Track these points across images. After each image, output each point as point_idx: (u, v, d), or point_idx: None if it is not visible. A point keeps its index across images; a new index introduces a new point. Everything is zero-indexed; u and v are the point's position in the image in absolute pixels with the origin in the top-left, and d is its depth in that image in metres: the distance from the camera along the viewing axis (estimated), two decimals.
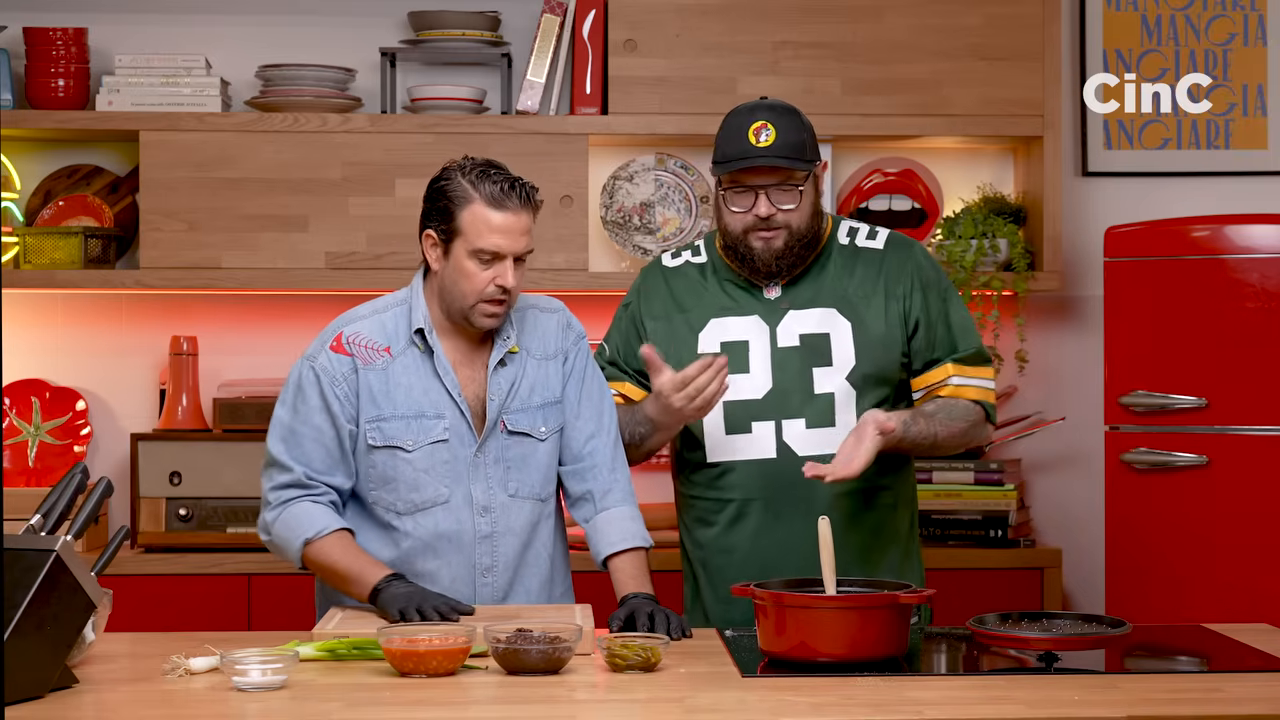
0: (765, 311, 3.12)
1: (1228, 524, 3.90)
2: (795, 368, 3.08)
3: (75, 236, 4.27)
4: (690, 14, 4.31)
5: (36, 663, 2.40)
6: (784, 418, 3.08)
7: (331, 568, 2.94)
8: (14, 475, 4.39)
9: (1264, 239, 3.92)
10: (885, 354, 3.10)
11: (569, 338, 3.11)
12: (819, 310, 3.10)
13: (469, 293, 2.94)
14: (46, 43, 4.30)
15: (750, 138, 3.03)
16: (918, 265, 3.15)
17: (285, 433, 3.00)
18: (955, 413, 3.09)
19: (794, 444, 3.07)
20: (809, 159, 3.06)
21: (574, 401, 3.09)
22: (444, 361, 3.00)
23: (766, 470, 3.08)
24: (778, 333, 3.10)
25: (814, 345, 3.09)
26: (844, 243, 3.17)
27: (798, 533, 3.03)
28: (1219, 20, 4.58)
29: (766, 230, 3.05)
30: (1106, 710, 2.36)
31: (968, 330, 3.16)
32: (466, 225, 2.92)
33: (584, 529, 3.11)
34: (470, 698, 2.47)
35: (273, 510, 2.99)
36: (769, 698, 2.45)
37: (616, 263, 4.48)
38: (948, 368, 3.13)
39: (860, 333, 3.09)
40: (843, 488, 3.04)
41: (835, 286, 3.12)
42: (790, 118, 3.07)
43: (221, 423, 4.25)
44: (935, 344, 3.13)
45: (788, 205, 3.04)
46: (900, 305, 3.11)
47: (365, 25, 4.49)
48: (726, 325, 3.13)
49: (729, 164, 3.05)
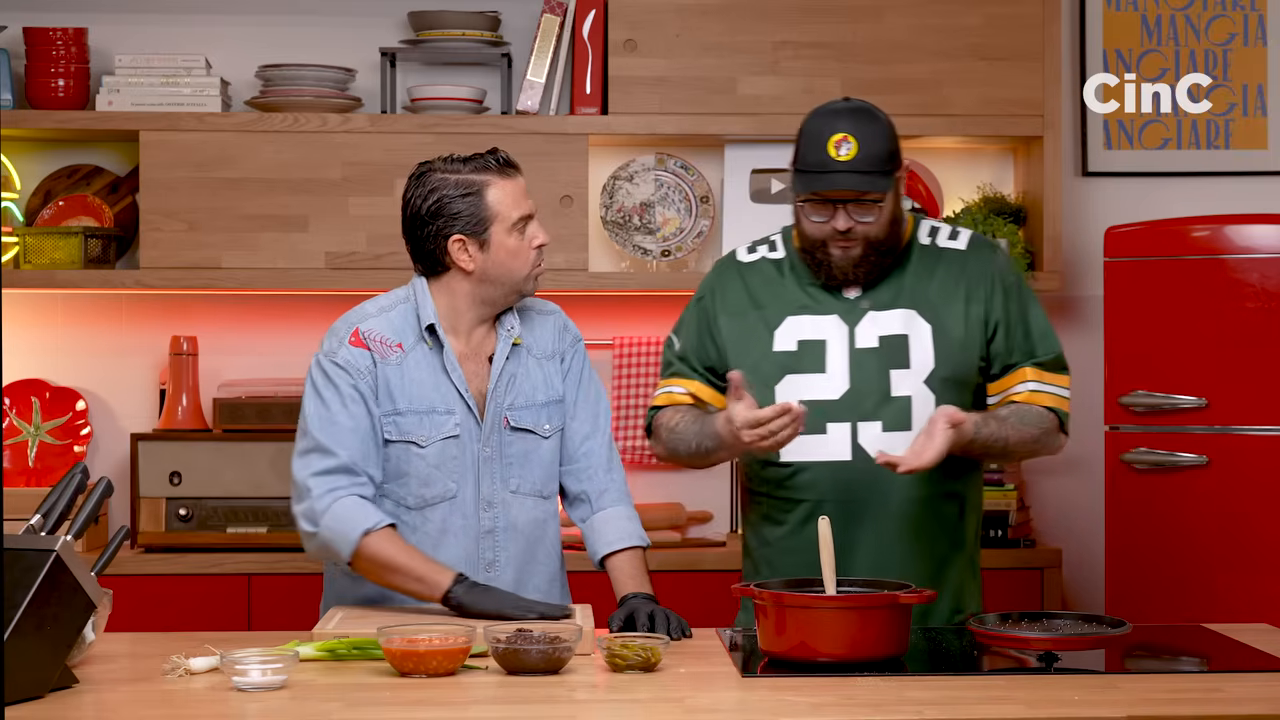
0: (844, 311, 3.04)
1: (1228, 524, 3.90)
2: (873, 369, 3.00)
3: (75, 236, 4.27)
4: (690, 14, 4.31)
5: (36, 663, 2.40)
6: (860, 420, 2.99)
7: (392, 561, 2.90)
8: (14, 475, 4.39)
9: (1264, 239, 3.92)
10: (964, 357, 3.03)
11: (565, 339, 3.12)
12: (899, 312, 3.03)
13: (521, 266, 2.99)
14: (46, 43, 4.30)
15: (830, 150, 2.92)
16: (1000, 267, 3.08)
17: (323, 422, 2.96)
18: (1029, 419, 3.02)
19: (869, 447, 2.98)
20: (890, 171, 2.96)
21: (570, 403, 3.10)
22: (452, 357, 3.00)
23: (840, 472, 3.00)
24: (856, 333, 3.02)
25: (893, 347, 3.01)
26: (925, 243, 3.09)
27: (868, 537, 2.99)
28: (1219, 20, 4.58)
29: (845, 241, 2.97)
30: (1106, 710, 2.36)
31: (1047, 335, 3.08)
32: (496, 205, 2.97)
33: (580, 529, 3.11)
34: (470, 698, 2.47)
35: (322, 499, 2.92)
36: (769, 698, 2.45)
37: (616, 263, 4.48)
38: (1025, 372, 3.05)
39: (940, 335, 3.02)
40: (912, 491, 2.99)
41: (916, 288, 3.04)
42: (873, 126, 2.95)
43: (221, 423, 4.25)
44: (1014, 348, 3.05)
45: (867, 219, 2.96)
46: (981, 308, 3.04)
47: (365, 25, 4.49)
48: (804, 323, 3.04)
49: (808, 177, 2.95)
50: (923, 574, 2.97)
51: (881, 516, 3.00)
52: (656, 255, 4.44)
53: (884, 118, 3.00)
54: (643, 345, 4.51)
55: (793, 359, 3.02)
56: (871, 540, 2.99)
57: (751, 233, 4.40)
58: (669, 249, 4.44)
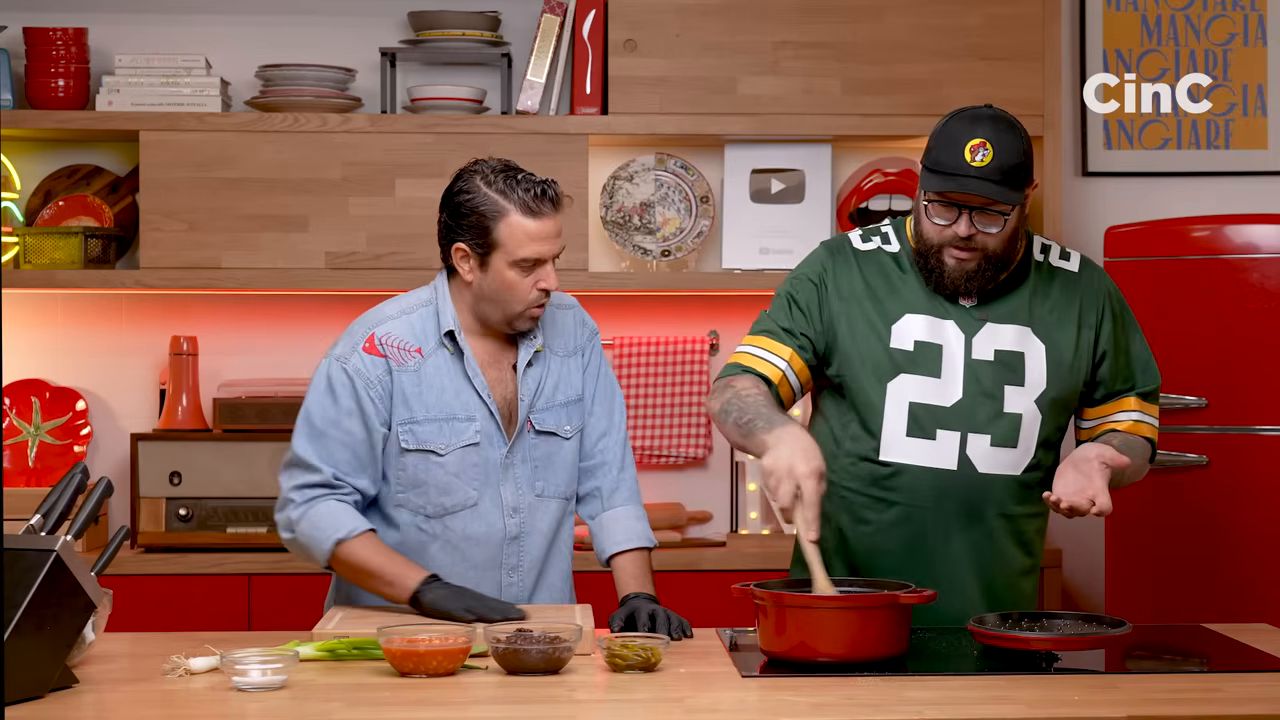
0: (961, 319, 2.99)
1: (1228, 524, 3.90)
2: (989, 382, 2.97)
3: (75, 236, 4.27)
4: (690, 14, 4.31)
5: (36, 663, 2.40)
6: (970, 431, 2.95)
7: (363, 567, 2.91)
8: (14, 475, 4.39)
9: (1264, 239, 3.92)
10: (1072, 380, 3.01)
11: (584, 334, 3.11)
12: (1015, 328, 2.99)
13: (514, 301, 2.93)
14: (46, 43, 4.30)
15: (966, 155, 2.86)
16: (1109, 293, 3.07)
17: (313, 433, 2.95)
18: (1135, 449, 3.01)
19: (976, 459, 2.95)
20: (1021, 185, 2.90)
21: (588, 399, 3.09)
22: (473, 364, 2.98)
23: (943, 480, 2.96)
24: (974, 344, 2.98)
25: (1009, 362, 2.98)
26: (1039, 260, 3.06)
27: (959, 547, 2.97)
28: (1219, 20, 4.58)
29: (963, 250, 2.92)
30: (1106, 710, 2.36)
31: (1149, 365, 3.08)
32: (505, 238, 2.90)
33: (588, 526, 3.11)
34: (470, 698, 2.47)
35: (297, 509, 2.95)
36: (769, 698, 2.45)
37: (616, 263, 4.48)
38: (1129, 402, 3.05)
39: (1052, 356, 2.99)
40: (1006, 509, 2.98)
41: (1032, 306, 3.01)
42: (1011, 137, 2.89)
43: (221, 423, 4.25)
44: (1118, 376, 3.05)
45: (991, 229, 2.90)
46: (1091, 333, 3.02)
47: (365, 25, 4.48)
48: (922, 324, 2.98)
49: (940, 178, 2.89)
50: (1000, 590, 2.98)
51: (975, 529, 2.98)
52: (656, 255, 4.44)
53: (1022, 131, 2.93)
54: (643, 345, 4.51)
55: (908, 359, 2.97)
56: (960, 552, 2.98)
57: (751, 233, 4.43)
58: (669, 249, 4.44)
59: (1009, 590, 3.02)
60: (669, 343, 4.52)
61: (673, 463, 4.53)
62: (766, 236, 4.45)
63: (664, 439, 4.51)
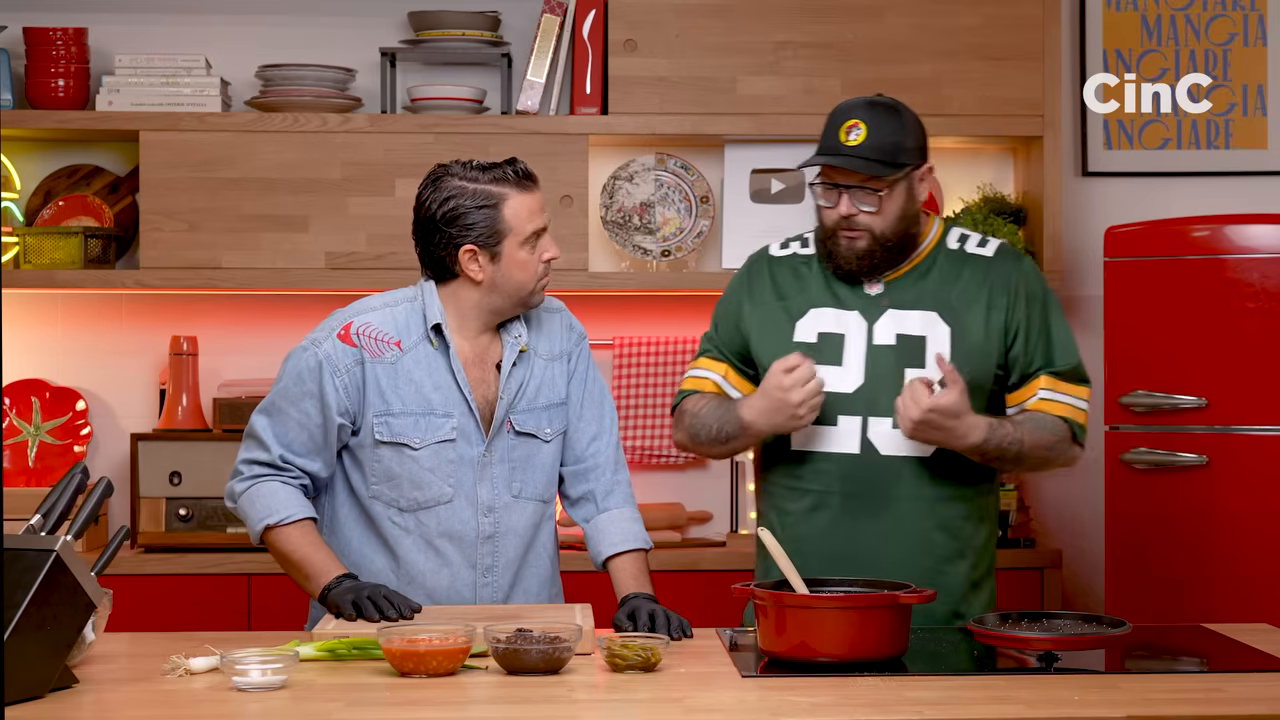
0: (865, 307, 3.07)
1: (1228, 524, 3.90)
2: (888, 366, 3.03)
3: (75, 236, 4.27)
4: (690, 14, 4.31)
5: (36, 663, 2.40)
6: (872, 415, 3.02)
7: (288, 557, 2.95)
8: (14, 475, 4.39)
9: (1264, 239, 3.92)
10: (981, 363, 3.04)
11: (571, 338, 3.11)
12: (920, 312, 3.05)
13: (527, 279, 2.97)
14: (46, 43, 4.31)
15: (841, 134, 3.01)
16: (1024, 276, 3.10)
17: (272, 409, 2.99)
18: (1043, 425, 3.03)
19: (878, 443, 3.02)
20: (898, 163, 3.00)
21: (577, 403, 3.09)
22: (457, 360, 2.99)
23: (847, 465, 3.03)
24: (875, 329, 3.05)
25: (910, 346, 3.04)
26: (953, 248, 3.11)
27: (872, 530, 3.02)
28: (1219, 20, 4.58)
29: (850, 230, 3.02)
30: (1106, 710, 2.36)
31: (1067, 346, 3.09)
32: (512, 220, 2.94)
33: (584, 529, 3.11)
34: (470, 698, 2.47)
35: (242, 482, 2.99)
36: (769, 698, 2.45)
37: (616, 263, 4.48)
38: (1040, 380, 3.06)
39: (959, 339, 3.04)
40: (920, 490, 3.02)
41: (939, 290, 3.07)
42: (888, 117, 3.02)
43: (221, 423, 4.25)
44: (1032, 357, 3.07)
45: (868, 208, 2.99)
46: (1002, 316, 3.06)
47: (365, 25, 4.49)
48: (825, 316, 3.08)
49: (814, 158, 3.03)
50: (921, 574, 2.97)
51: (886, 513, 3.02)
52: (656, 255, 4.44)
53: (907, 114, 3.05)
54: (643, 345, 4.51)
55: (812, 350, 3.04)
56: (873, 536, 3.01)
57: (751, 232, 4.43)
58: (669, 249, 4.44)
59: (935, 577, 3.01)
60: (669, 343, 4.52)
61: (672, 463, 4.53)
62: (766, 236, 4.38)
63: (664, 439, 4.51)
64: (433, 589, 2.99)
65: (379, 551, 3.01)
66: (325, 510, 3.06)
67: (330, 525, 3.05)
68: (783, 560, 2.74)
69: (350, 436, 2.99)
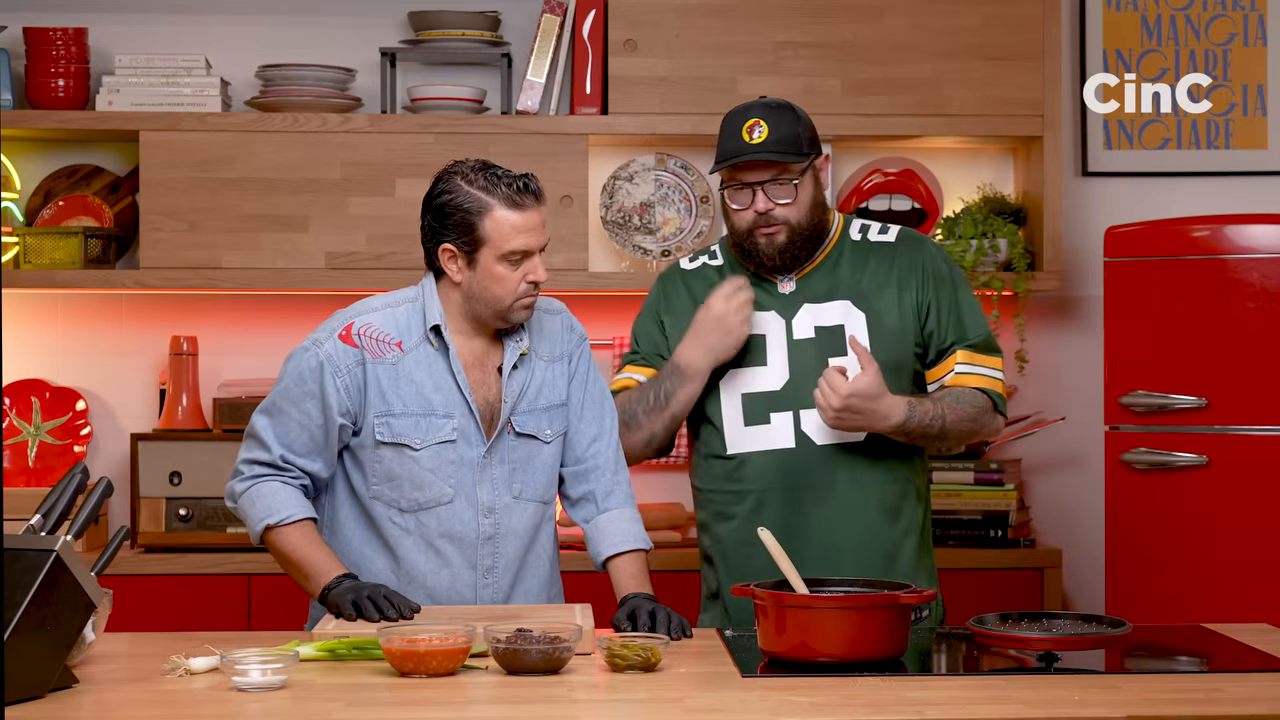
0: (781, 306, 3.15)
1: (1228, 524, 3.90)
2: (811, 359, 3.11)
3: (75, 236, 4.27)
4: (690, 14, 4.31)
5: (36, 663, 2.40)
6: (802, 408, 3.10)
7: (288, 557, 2.95)
8: (14, 475, 4.39)
9: (1264, 239, 3.92)
10: (900, 344, 3.13)
11: (571, 340, 3.11)
12: (834, 303, 3.14)
13: (504, 295, 2.95)
14: (46, 43, 4.31)
15: (744, 135, 3.09)
16: (929, 256, 3.20)
17: (273, 409, 2.99)
18: (963, 399, 3.12)
19: (812, 433, 3.10)
20: (803, 152, 3.10)
21: (577, 404, 3.09)
22: (457, 361, 2.99)
23: (785, 460, 3.11)
24: (793, 325, 3.14)
25: (829, 337, 3.12)
26: (856, 238, 3.21)
27: (817, 522, 3.08)
28: (1219, 20, 4.58)
29: (768, 226, 3.10)
30: (1106, 710, 2.36)
31: (977, 319, 3.19)
32: (491, 232, 2.92)
33: (584, 529, 3.11)
34: (470, 698, 2.47)
35: (243, 481, 2.99)
36: (769, 698, 2.45)
37: (616, 263, 4.48)
38: (957, 355, 3.15)
39: (875, 323, 3.13)
40: (857, 476, 3.09)
41: (849, 280, 3.16)
42: (783, 113, 3.12)
43: (221, 423, 4.25)
44: (945, 331, 3.16)
45: (784, 199, 3.09)
46: (913, 296, 3.15)
47: (365, 25, 4.49)
48: None
49: (724, 161, 3.11)
50: (871, 560, 3.05)
51: (828, 502, 3.08)
52: (656, 255, 4.44)
53: (799, 112, 3.15)
54: None
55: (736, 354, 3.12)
56: (819, 526, 3.08)
57: None
58: (669, 249, 4.44)
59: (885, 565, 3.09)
60: None
61: (673, 463, 4.53)
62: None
63: None
64: (433, 589, 2.99)
65: (379, 552, 3.01)
66: (326, 511, 3.06)
67: (330, 525, 3.05)
68: (783, 560, 2.75)
69: (351, 437, 2.99)
